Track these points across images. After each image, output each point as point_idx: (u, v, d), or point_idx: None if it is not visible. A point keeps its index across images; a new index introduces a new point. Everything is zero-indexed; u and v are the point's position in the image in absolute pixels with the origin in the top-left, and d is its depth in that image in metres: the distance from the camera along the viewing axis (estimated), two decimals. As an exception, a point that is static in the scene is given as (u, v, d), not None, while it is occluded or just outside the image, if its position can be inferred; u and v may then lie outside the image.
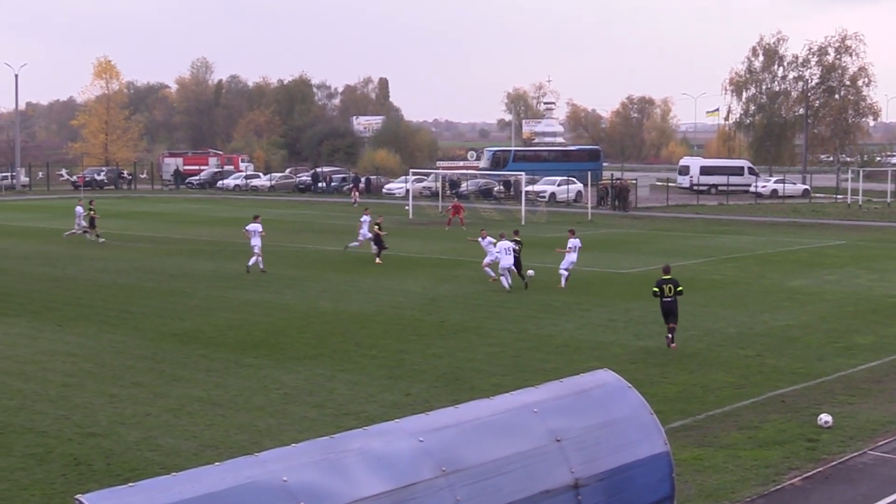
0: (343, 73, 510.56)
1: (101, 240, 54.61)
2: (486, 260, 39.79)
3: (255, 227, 42.97)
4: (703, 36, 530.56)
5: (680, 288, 28.07)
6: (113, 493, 9.86)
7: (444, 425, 11.76)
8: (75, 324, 31.09)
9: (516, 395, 13.03)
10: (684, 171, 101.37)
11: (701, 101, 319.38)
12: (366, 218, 49.59)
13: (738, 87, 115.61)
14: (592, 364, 23.84)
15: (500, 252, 38.47)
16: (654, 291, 28.13)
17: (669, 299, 27.75)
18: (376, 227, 46.41)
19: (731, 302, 34.91)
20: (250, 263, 42.25)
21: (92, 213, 55.52)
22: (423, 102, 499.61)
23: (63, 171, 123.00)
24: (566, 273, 38.65)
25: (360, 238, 49.11)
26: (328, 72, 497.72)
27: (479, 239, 41.91)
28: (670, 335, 27.65)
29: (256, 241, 42.47)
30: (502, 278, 38.08)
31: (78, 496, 9.73)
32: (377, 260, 45.24)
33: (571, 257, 38.67)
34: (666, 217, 73.99)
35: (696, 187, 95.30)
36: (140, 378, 24.21)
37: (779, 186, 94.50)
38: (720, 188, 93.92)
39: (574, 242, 38.94)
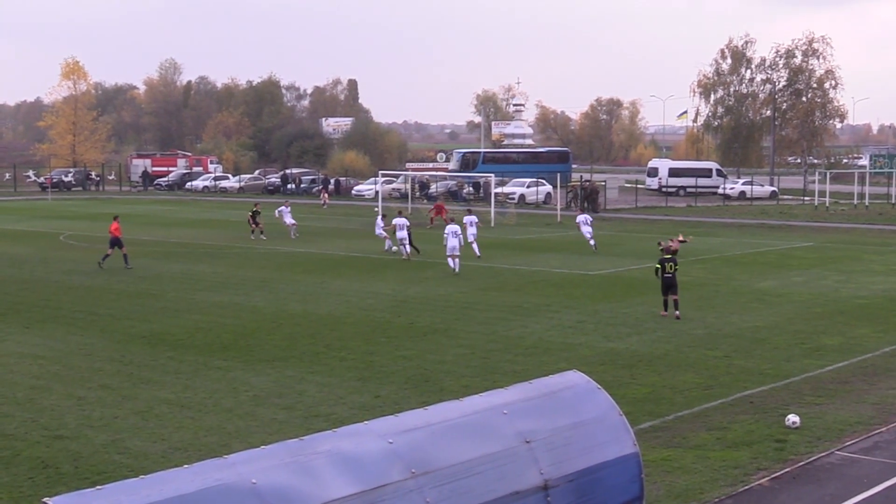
0: (312, 74, 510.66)
1: (263, 237, 56.16)
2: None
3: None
4: (672, 38, 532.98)
5: (677, 267, 32.38)
6: (80, 497, 9.80)
7: (413, 427, 11.75)
8: (42, 326, 30.90)
9: (486, 397, 13.04)
10: (653, 173, 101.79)
11: (669, 104, 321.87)
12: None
13: (706, 89, 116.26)
14: (561, 366, 23.88)
15: (449, 234, 42.50)
16: (657, 269, 32.59)
17: (669, 275, 32.03)
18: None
19: (699, 303, 35.04)
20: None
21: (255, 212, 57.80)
22: (392, 104, 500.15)
23: (30, 173, 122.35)
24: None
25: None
26: (297, 73, 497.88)
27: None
28: (676, 309, 31.92)
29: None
30: (451, 260, 42.38)
31: (45, 499, 9.66)
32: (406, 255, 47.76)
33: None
34: (635, 219, 74.28)
35: (664, 189, 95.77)
36: (108, 380, 24.08)
37: (747, 188, 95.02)
38: (688, 190, 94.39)
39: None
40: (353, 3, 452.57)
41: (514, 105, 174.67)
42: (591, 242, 51.21)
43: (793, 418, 20.31)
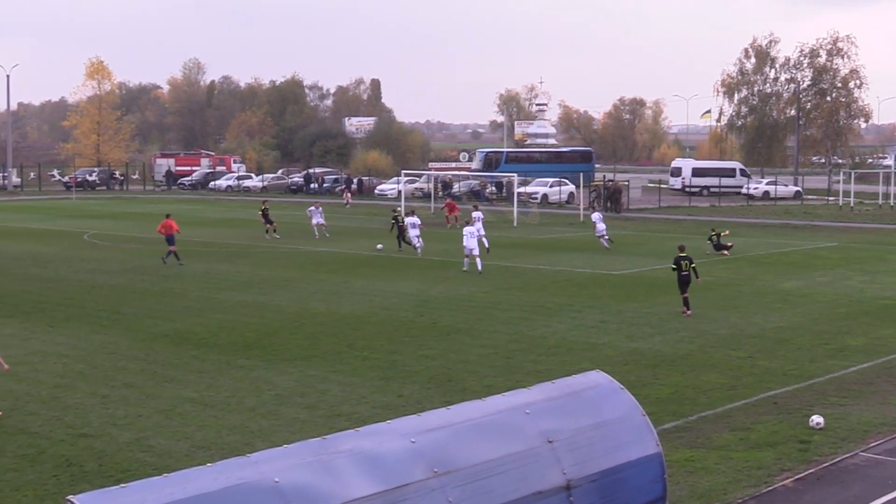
0: (335, 74, 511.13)
1: (277, 236, 56.56)
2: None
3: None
4: (696, 38, 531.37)
5: (693, 264, 32.92)
6: (105, 494, 9.84)
7: (436, 426, 11.75)
8: (67, 325, 31.04)
9: (508, 397, 13.03)
10: (676, 172, 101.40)
11: (693, 103, 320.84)
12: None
13: (729, 88, 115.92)
14: (584, 365, 23.84)
15: (466, 234, 43.28)
16: (673, 267, 33.07)
17: (685, 273, 32.62)
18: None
19: (722, 304, 34.94)
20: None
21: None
22: (415, 104, 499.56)
23: (55, 172, 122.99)
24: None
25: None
26: (320, 73, 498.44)
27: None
28: (685, 306, 32.51)
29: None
30: (466, 259, 43.11)
31: (70, 497, 9.71)
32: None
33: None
34: (658, 219, 74.09)
35: (687, 189, 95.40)
36: (132, 379, 24.17)
37: (770, 188, 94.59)
38: (712, 190, 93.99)
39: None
40: (377, 3, 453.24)
41: (537, 104, 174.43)
42: (605, 238, 52.31)
43: (817, 419, 20.22)
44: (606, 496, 12.35)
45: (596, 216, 53.97)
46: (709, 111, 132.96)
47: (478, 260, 42.76)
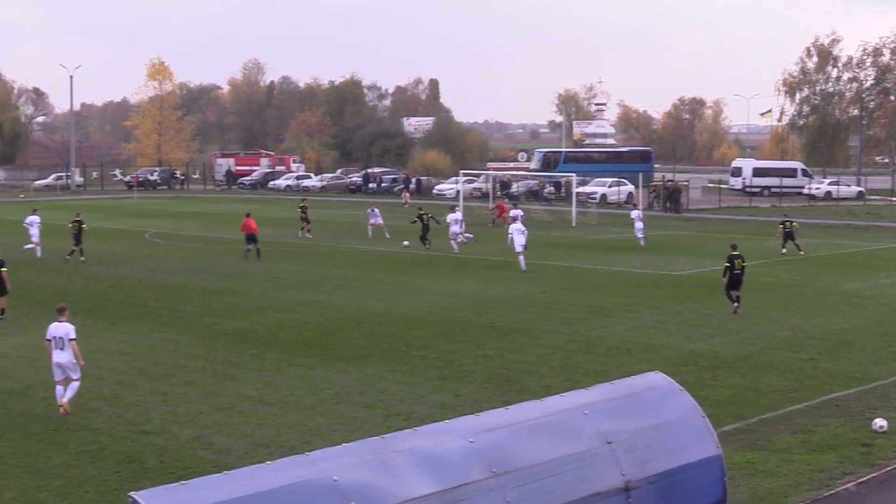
0: (394, 74, 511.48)
1: (309, 235, 57.41)
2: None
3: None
4: (757, 37, 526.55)
5: (745, 263, 33.65)
6: (165, 491, 9.92)
7: (494, 426, 11.74)
8: (128, 322, 31.36)
9: (567, 397, 12.99)
10: (737, 172, 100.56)
11: (754, 103, 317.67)
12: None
13: (791, 88, 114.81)
14: (643, 366, 23.71)
15: (514, 232, 44.35)
16: (727, 266, 33.19)
17: (738, 272, 33.12)
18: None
19: (784, 305, 34.62)
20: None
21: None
22: (473, 103, 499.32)
23: (117, 172, 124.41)
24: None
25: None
26: (379, 73, 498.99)
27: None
28: (737, 303, 32.77)
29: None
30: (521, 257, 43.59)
31: (131, 493, 9.80)
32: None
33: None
34: (718, 219, 73.55)
35: (748, 189, 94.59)
36: (192, 377, 24.38)
37: (833, 188, 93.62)
38: (773, 190, 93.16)
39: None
40: (436, 3, 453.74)
41: (596, 104, 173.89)
42: (640, 236, 53.29)
43: (880, 422, 19.98)
44: (665, 498, 12.27)
45: (635, 214, 55.25)
46: (769, 111, 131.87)
47: (521, 258, 43.53)
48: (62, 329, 21.16)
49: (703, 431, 12.96)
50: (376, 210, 58.87)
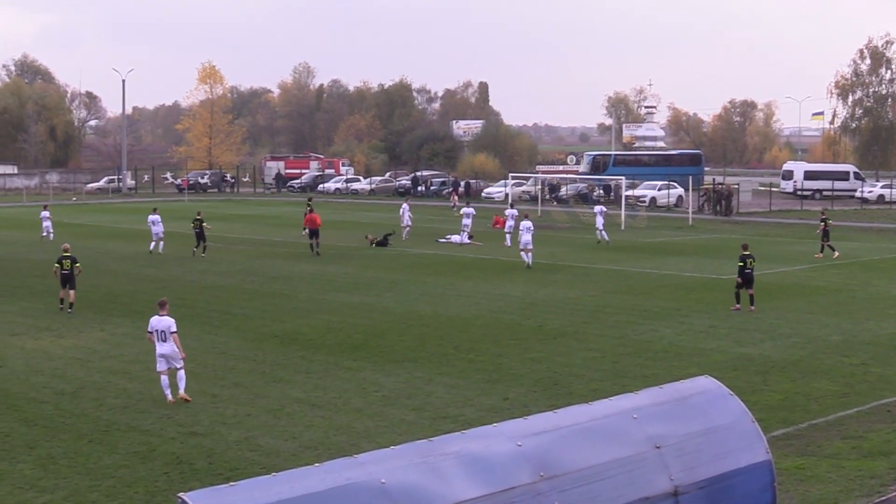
0: (443, 77, 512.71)
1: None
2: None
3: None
4: (808, 38, 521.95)
5: (754, 263, 34.44)
6: (214, 492, 9.97)
7: (542, 430, 11.70)
8: (178, 324, 31.27)
9: (615, 401, 12.94)
10: (788, 175, 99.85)
11: (805, 105, 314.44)
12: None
13: (843, 90, 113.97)
14: (693, 370, 23.57)
15: (524, 230, 45.46)
16: (740, 266, 33.84)
17: (749, 270, 33.82)
18: None
19: (835, 309, 34.31)
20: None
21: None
22: (522, 106, 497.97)
23: (168, 175, 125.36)
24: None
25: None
26: (428, 76, 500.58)
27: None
28: (752, 304, 33.57)
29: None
30: (529, 254, 45.21)
31: (181, 494, 9.86)
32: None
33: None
34: (769, 222, 73.03)
35: (799, 192, 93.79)
36: (241, 379, 24.51)
37: (886, 192, 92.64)
38: (825, 193, 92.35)
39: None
40: (485, 6, 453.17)
41: (646, 107, 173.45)
42: (602, 234, 55.51)
43: (933, 428, 19.74)
44: (714, 503, 12.19)
45: (597, 209, 57.75)
46: (821, 113, 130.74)
47: (526, 255, 45.18)
48: (164, 322, 22.46)
49: (752, 436, 12.86)
50: (408, 206, 60.35)
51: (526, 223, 45.99)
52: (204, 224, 50.12)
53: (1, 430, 20.27)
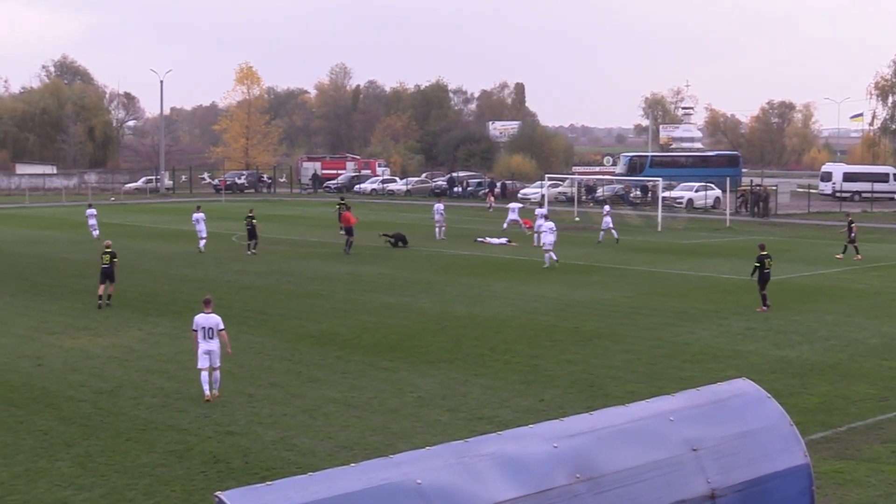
0: (479, 78, 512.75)
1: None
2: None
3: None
4: (847, 38, 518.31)
5: (772, 262, 34.57)
6: (251, 492, 10.00)
7: (578, 431, 11.67)
8: (216, 324, 31.62)
9: (652, 403, 12.88)
10: (826, 177, 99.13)
11: (844, 106, 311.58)
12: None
13: (883, 91, 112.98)
14: (730, 373, 23.46)
15: (546, 231, 46.26)
16: (756, 266, 34.10)
17: (768, 271, 34.07)
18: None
19: (874, 312, 34.03)
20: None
21: None
22: (559, 107, 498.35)
23: (205, 175, 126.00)
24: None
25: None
26: (465, 77, 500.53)
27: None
28: (764, 304, 33.92)
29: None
30: (547, 255, 45.74)
31: (217, 493, 9.90)
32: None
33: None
34: (807, 224, 72.54)
35: (838, 194, 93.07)
36: (277, 379, 24.59)
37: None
38: (864, 195, 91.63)
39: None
40: (521, 8, 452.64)
41: (683, 108, 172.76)
42: (612, 232, 56.49)
43: (973, 433, 19.55)
44: (752, 507, 12.11)
45: (606, 209, 59.37)
46: (860, 114, 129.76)
47: (550, 254, 45.68)
48: (211, 320, 22.75)
49: (790, 439, 12.77)
50: (441, 209, 60.23)
51: (548, 224, 46.73)
52: (255, 221, 51.18)
53: (40, 428, 20.44)
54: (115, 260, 35.49)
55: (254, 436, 19.92)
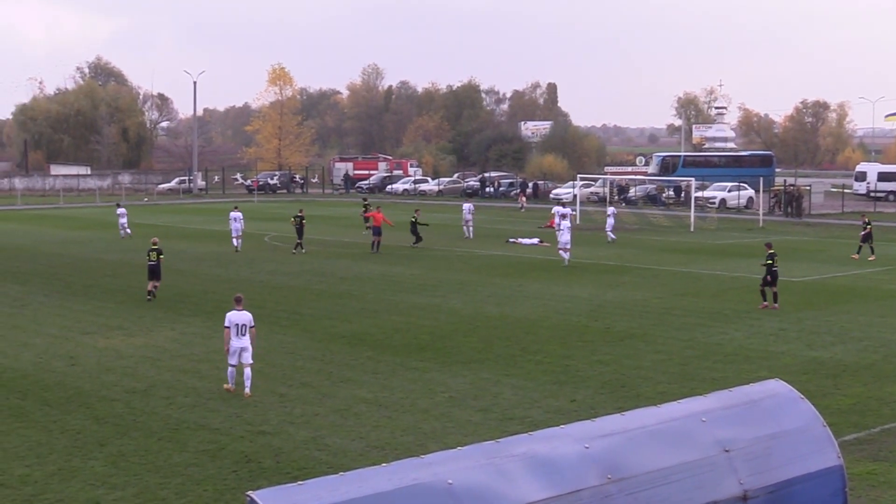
0: (511, 78, 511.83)
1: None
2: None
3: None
4: (882, 37, 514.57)
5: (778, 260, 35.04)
6: (282, 491, 10.03)
7: (610, 432, 11.64)
8: (248, 324, 31.73)
9: (684, 404, 12.83)
10: (861, 177, 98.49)
11: (879, 105, 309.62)
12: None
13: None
14: (762, 374, 23.35)
15: (564, 230, 46.94)
16: (768, 263, 34.44)
17: (777, 268, 34.57)
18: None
19: (909, 312, 33.78)
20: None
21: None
22: (591, 107, 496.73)
23: (238, 176, 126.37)
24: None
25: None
26: (496, 77, 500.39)
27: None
28: (776, 302, 34.42)
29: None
30: (565, 253, 46.35)
31: (249, 493, 9.93)
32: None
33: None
34: (841, 224, 72.08)
35: (873, 194, 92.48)
36: (309, 378, 24.64)
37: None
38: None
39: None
40: (554, 7, 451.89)
41: (716, 108, 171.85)
42: (610, 233, 57.06)
43: None
44: (784, 508, 12.05)
45: (610, 210, 60.17)
46: (894, 113, 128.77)
47: (565, 253, 46.27)
48: (243, 317, 23.01)
49: (823, 441, 12.70)
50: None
51: (566, 222, 47.64)
52: (303, 221, 52.37)
53: (73, 428, 20.56)
54: (162, 257, 36.38)
55: (285, 435, 19.97)
